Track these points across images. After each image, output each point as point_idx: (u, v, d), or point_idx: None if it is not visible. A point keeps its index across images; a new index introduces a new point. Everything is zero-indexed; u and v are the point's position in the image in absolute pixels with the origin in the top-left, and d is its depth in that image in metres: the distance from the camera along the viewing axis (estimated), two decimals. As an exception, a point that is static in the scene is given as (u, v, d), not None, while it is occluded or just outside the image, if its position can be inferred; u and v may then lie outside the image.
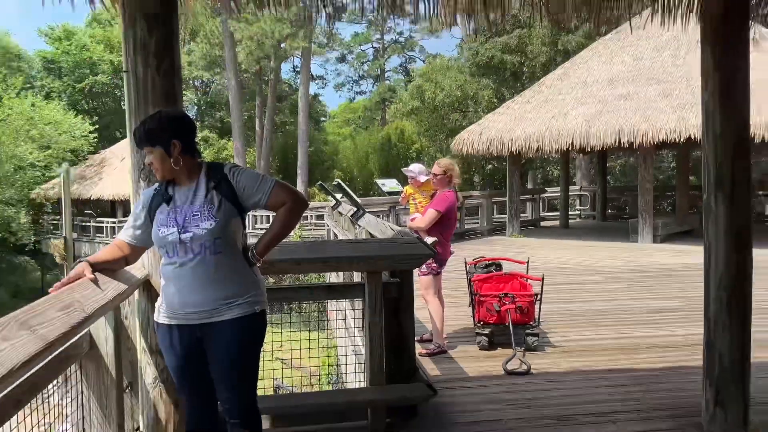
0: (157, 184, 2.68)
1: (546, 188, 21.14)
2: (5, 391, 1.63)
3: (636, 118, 12.45)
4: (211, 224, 2.49)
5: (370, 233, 5.92)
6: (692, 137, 11.52)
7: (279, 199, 2.58)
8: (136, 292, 2.99)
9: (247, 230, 2.84)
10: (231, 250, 2.57)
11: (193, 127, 2.67)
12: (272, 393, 6.40)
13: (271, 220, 3.20)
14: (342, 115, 50.18)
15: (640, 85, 13.41)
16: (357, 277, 5.69)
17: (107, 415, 2.68)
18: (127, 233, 2.66)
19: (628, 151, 18.66)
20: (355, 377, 5.11)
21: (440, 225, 5.14)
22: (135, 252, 2.69)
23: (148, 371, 3.01)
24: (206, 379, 2.68)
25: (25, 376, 1.78)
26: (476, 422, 3.74)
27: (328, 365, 8.01)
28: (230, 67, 33.08)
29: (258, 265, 2.67)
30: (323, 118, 49.33)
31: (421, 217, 5.35)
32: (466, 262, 6.04)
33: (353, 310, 5.92)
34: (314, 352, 4.43)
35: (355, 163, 38.74)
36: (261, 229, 20.51)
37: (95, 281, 2.37)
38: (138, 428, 3.10)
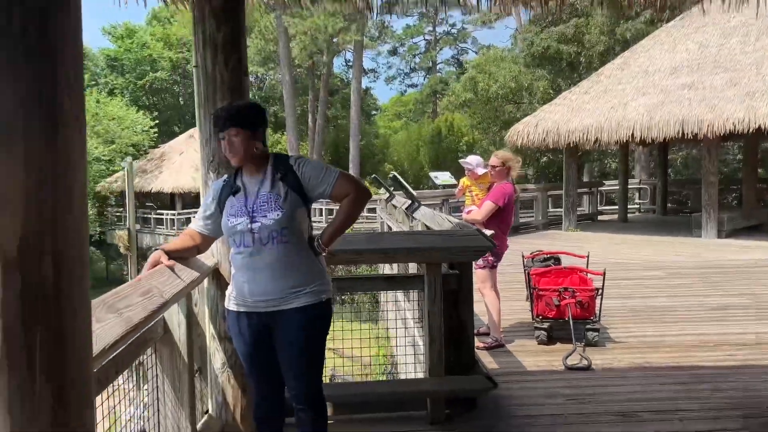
0: (225, 176, 2.77)
1: (603, 181, 20.62)
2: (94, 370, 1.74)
3: (701, 108, 11.95)
4: (278, 214, 2.56)
5: (427, 225, 5.91)
6: (763, 127, 11.01)
7: (343, 190, 2.62)
8: (205, 280, 3.11)
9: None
10: (297, 239, 2.63)
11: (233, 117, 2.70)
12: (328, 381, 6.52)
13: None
14: (393, 108, 50.15)
15: (705, 74, 12.86)
16: (412, 268, 5.74)
17: (180, 398, 2.80)
18: (198, 223, 2.76)
19: (690, 143, 18.01)
20: (412, 368, 5.16)
21: (497, 218, 5.08)
22: (206, 241, 2.79)
23: (216, 357, 3.13)
24: (274, 365, 2.76)
25: (110, 357, 1.89)
26: (536, 416, 3.71)
27: (382, 356, 8.07)
28: (284, 62, 33.61)
29: (323, 254, 2.74)
30: (374, 112, 49.47)
31: (477, 209, 5.31)
32: (523, 256, 5.98)
33: (408, 301, 5.98)
34: (365, 342, 4.48)
35: (405, 156, 38.64)
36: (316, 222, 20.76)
37: (172, 268, 2.49)
38: (207, 411, 3.22)
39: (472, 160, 6.10)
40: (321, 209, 21.87)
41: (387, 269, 7.40)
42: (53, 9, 1.04)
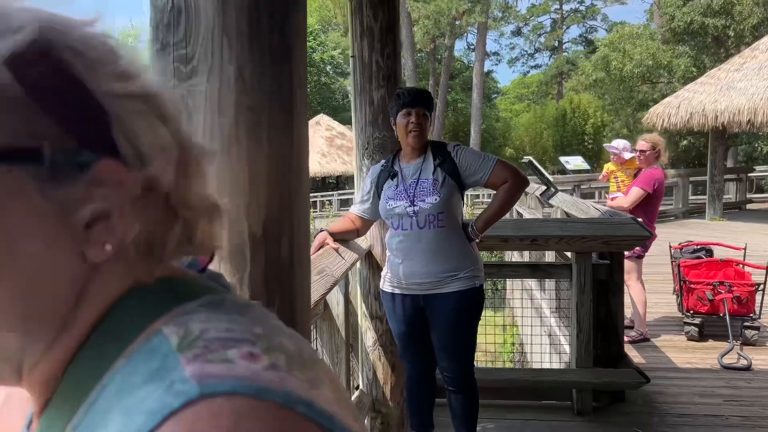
0: (383, 161, 2.88)
1: (753, 167, 18.80)
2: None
3: None
4: (435, 199, 2.62)
5: (567, 212, 5.75)
6: None
7: (500, 178, 2.62)
8: (358, 262, 3.26)
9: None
10: (453, 225, 2.68)
11: (419, 98, 2.79)
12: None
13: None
14: (514, 90, 48.69)
15: None
16: (549, 256, 5.61)
17: (337, 372, 2.98)
18: (357, 207, 2.90)
19: None
20: (547, 357, 5.08)
21: (645, 205, 4.81)
22: (365, 225, 2.91)
23: (368, 335, 3.28)
24: (427, 346, 2.84)
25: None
26: (692, 416, 3.52)
27: (511, 344, 7.98)
28: (407, 46, 33.79)
29: (477, 241, 2.77)
30: (495, 95, 48.36)
31: (623, 196, 5.07)
32: (671, 246, 5.63)
33: (543, 290, 5.86)
34: (489, 329, 4.45)
35: (528, 140, 37.37)
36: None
37: (337, 250, 2.64)
38: (358, 386, 3.39)
39: (618, 144, 5.79)
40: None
41: (516, 256, 7.27)
42: (291, 9, 1.15)
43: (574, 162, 12.11)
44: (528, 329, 6.12)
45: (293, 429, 0.40)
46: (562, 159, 12.56)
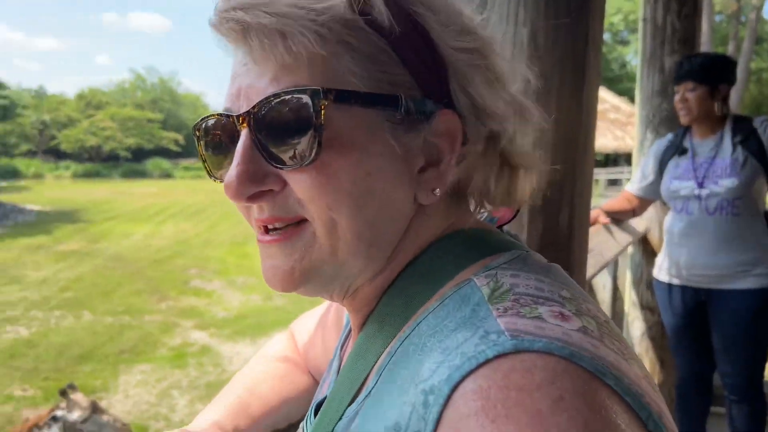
0: (670, 135, 2.62)
1: None
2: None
3: None
4: (733, 182, 2.33)
5: None
6: None
7: None
8: (630, 246, 3.05)
9: None
10: (751, 212, 2.37)
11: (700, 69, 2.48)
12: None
13: None
14: None
15: None
16: None
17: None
18: (634, 185, 2.70)
19: None
20: None
21: None
22: (642, 204, 2.71)
23: (635, 325, 3.06)
24: (705, 344, 2.56)
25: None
26: None
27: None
28: (705, 8, 29.97)
29: None
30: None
31: None
32: None
33: None
34: None
35: None
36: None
37: (608, 228, 2.50)
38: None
39: None
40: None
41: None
42: None
43: None
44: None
45: (598, 400, 0.40)
46: None
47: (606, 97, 29.94)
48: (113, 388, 7.11)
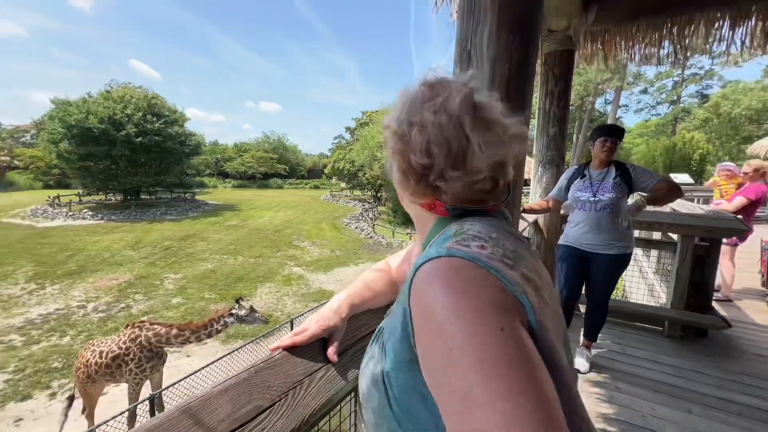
0: (575, 166, 3.61)
1: None
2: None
3: None
4: (612, 195, 3.28)
5: (673, 208, 6.07)
6: None
7: (662, 186, 3.12)
8: (528, 228, 4.26)
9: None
10: (618, 212, 3.36)
11: (614, 133, 3.32)
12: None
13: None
14: (637, 130, 49.68)
15: None
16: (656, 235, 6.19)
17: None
18: (554, 193, 3.71)
19: None
20: (642, 299, 5.79)
21: (746, 211, 5.31)
22: (556, 204, 3.72)
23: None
24: (580, 283, 3.64)
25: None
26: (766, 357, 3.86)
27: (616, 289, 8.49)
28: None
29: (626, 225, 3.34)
30: (627, 133, 45.41)
31: (726, 202, 5.51)
32: (762, 240, 6.45)
33: (647, 257, 6.83)
34: None
35: (643, 163, 36.03)
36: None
37: (522, 217, 3.60)
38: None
39: (729, 165, 6.33)
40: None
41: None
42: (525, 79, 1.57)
43: (682, 178, 12.62)
44: (631, 282, 6.70)
45: (481, 277, 0.70)
46: (671, 175, 13.05)
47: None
48: (254, 295, 12.31)
